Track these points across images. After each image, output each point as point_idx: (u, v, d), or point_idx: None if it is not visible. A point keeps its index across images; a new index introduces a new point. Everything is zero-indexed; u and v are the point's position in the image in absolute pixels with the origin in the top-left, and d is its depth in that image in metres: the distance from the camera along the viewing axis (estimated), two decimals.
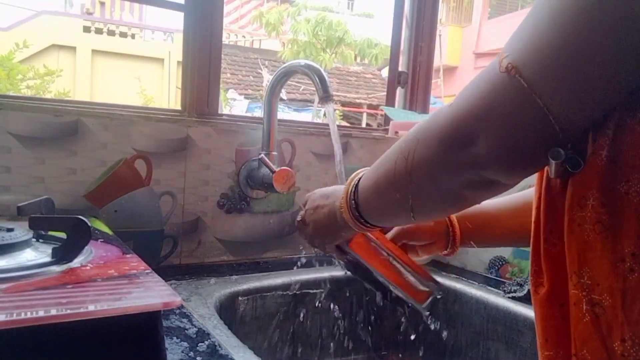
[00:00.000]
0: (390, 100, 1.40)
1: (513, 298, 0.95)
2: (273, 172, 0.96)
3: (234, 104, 7.53)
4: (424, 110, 1.42)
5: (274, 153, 1.02)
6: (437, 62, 1.94)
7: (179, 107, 1.06)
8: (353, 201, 0.54)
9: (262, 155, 1.00)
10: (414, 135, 0.44)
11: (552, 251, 0.42)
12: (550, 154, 0.37)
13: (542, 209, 0.43)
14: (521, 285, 0.96)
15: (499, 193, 0.44)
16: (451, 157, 0.40)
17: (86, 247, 0.58)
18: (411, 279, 0.63)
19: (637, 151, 0.36)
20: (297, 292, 0.99)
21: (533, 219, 0.45)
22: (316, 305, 1.00)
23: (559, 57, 0.34)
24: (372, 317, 1.08)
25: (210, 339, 0.63)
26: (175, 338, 0.63)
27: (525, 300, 0.93)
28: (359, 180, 0.55)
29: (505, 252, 1.07)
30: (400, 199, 0.47)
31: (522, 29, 0.38)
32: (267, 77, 7.59)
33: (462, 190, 0.43)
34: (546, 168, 0.41)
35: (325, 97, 0.86)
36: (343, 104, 9.00)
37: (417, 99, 1.41)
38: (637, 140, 0.36)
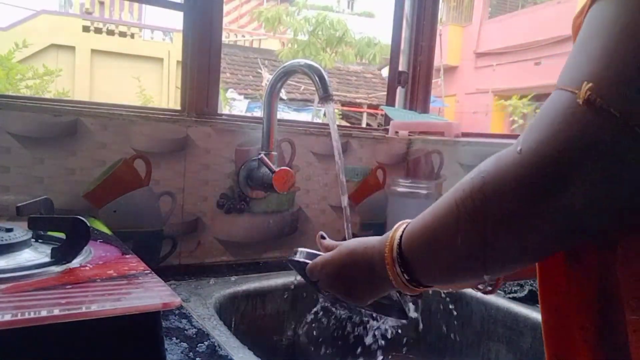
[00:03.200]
0: (390, 100, 1.40)
1: (514, 298, 0.95)
2: (273, 172, 0.96)
3: (233, 103, 7.52)
4: (424, 110, 1.42)
5: (274, 153, 1.02)
6: (437, 61, 1.94)
7: (178, 107, 1.06)
8: (398, 254, 0.47)
9: (262, 155, 1.00)
10: (476, 188, 0.38)
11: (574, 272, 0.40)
12: None
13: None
14: (522, 286, 0.96)
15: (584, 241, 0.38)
16: (537, 211, 0.34)
17: (85, 248, 0.58)
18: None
19: None
20: (297, 292, 0.98)
21: None
22: (316, 305, 1.00)
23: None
24: (372, 317, 1.08)
25: (209, 339, 0.63)
26: (174, 339, 0.62)
27: (525, 300, 0.93)
28: (400, 237, 0.47)
29: None
30: (467, 255, 0.40)
31: (589, 52, 0.33)
32: (267, 77, 7.59)
33: (546, 244, 0.37)
34: None
35: (325, 96, 0.85)
36: (343, 104, 9.00)
37: (418, 98, 1.41)
38: None
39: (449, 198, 0.41)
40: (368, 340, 0.99)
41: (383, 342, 0.96)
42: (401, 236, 0.47)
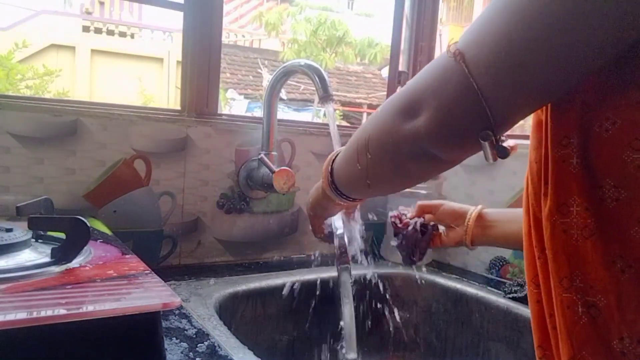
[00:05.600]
0: None
1: (513, 299, 0.95)
2: (273, 172, 0.95)
3: (233, 103, 7.52)
4: None
5: (274, 153, 1.02)
6: None
7: (178, 107, 1.06)
8: (329, 174, 0.61)
9: (262, 155, 1.00)
10: (380, 108, 0.50)
11: (541, 264, 0.44)
12: (480, 136, 0.39)
13: (531, 221, 0.44)
14: (522, 286, 0.96)
15: (442, 170, 0.47)
16: (398, 127, 0.44)
17: (85, 248, 0.58)
18: None
19: (605, 159, 0.38)
20: (297, 293, 0.98)
21: (524, 230, 0.47)
22: (316, 305, 1.00)
23: (498, 46, 0.36)
24: (372, 317, 1.08)
25: (209, 339, 0.63)
26: (174, 339, 0.62)
27: (525, 300, 0.93)
28: (336, 155, 0.61)
29: (506, 252, 1.07)
30: (361, 170, 0.52)
31: (475, 21, 0.40)
32: (267, 77, 7.59)
33: (407, 162, 0.46)
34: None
35: (325, 96, 0.85)
36: (343, 104, 8.99)
37: None
38: (603, 148, 0.38)
39: (357, 132, 0.54)
40: (368, 340, 0.99)
41: (383, 341, 0.96)
42: (334, 160, 0.61)
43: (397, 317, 1.08)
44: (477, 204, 0.76)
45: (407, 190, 1.20)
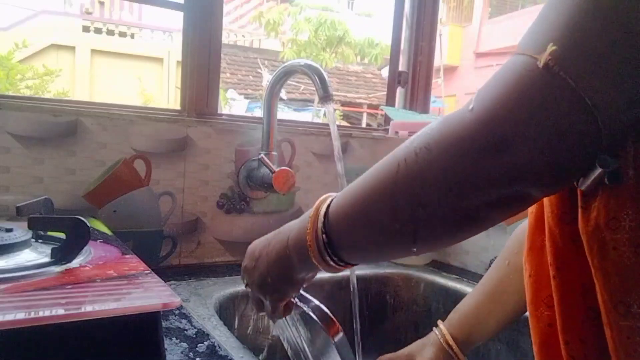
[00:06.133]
0: (390, 100, 1.40)
1: None
2: (273, 172, 0.95)
3: (233, 103, 7.52)
4: (424, 110, 1.42)
5: (274, 153, 1.02)
6: (437, 61, 1.94)
7: (178, 107, 1.06)
8: (323, 232, 0.43)
9: (262, 155, 1.00)
10: (422, 144, 0.36)
11: (557, 284, 0.40)
12: (599, 162, 0.32)
13: (547, 238, 0.40)
14: None
15: (522, 210, 0.37)
16: (480, 169, 0.33)
17: (85, 248, 0.58)
18: None
19: None
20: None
21: (531, 246, 0.43)
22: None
23: (602, 46, 0.30)
24: (373, 318, 1.08)
25: (209, 339, 0.63)
26: (174, 339, 0.62)
27: None
28: (328, 206, 0.44)
29: None
30: (400, 231, 0.37)
31: (553, 19, 0.33)
32: (267, 77, 7.59)
33: (488, 209, 0.35)
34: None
35: (325, 97, 0.85)
36: (343, 104, 9.00)
37: (417, 98, 1.41)
38: None
39: (392, 155, 0.39)
40: (368, 340, 0.99)
41: (383, 342, 0.96)
42: (328, 207, 0.44)
43: (397, 317, 1.08)
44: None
45: None
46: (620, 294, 0.35)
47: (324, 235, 0.43)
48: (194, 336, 0.64)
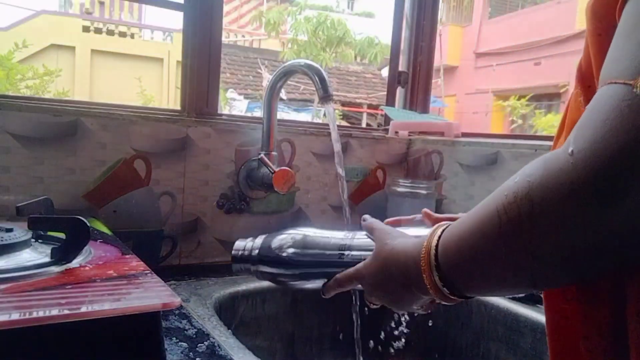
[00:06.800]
0: (390, 100, 1.40)
1: (513, 298, 0.95)
2: (273, 172, 0.95)
3: (233, 103, 7.52)
4: (424, 110, 1.42)
5: (274, 153, 1.02)
6: (437, 61, 1.94)
7: (178, 107, 1.06)
8: (435, 266, 0.42)
9: (262, 155, 1.00)
10: (522, 194, 0.33)
11: None
12: None
13: None
14: None
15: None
16: (594, 222, 0.30)
17: (85, 248, 0.58)
18: None
19: None
20: (297, 293, 0.98)
21: None
22: (316, 305, 1.00)
23: None
24: (373, 318, 1.08)
25: (209, 339, 0.63)
26: (174, 339, 0.62)
27: (525, 300, 0.93)
28: (437, 244, 0.43)
29: None
30: (514, 278, 0.36)
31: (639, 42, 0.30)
32: (267, 77, 7.59)
33: (607, 263, 0.33)
34: None
35: (325, 97, 0.85)
36: (343, 104, 9.00)
37: (417, 98, 1.41)
38: None
39: (490, 205, 0.37)
40: (368, 340, 0.99)
41: (383, 341, 0.96)
42: (437, 244, 0.42)
43: (397, 317, 1.08)
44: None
45: (407, 190, 1.20)
46: None
47: (435, 265, 0.42)
48: (194, 336, 0.64)
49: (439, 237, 0.43)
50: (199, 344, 0.62)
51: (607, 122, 0.30)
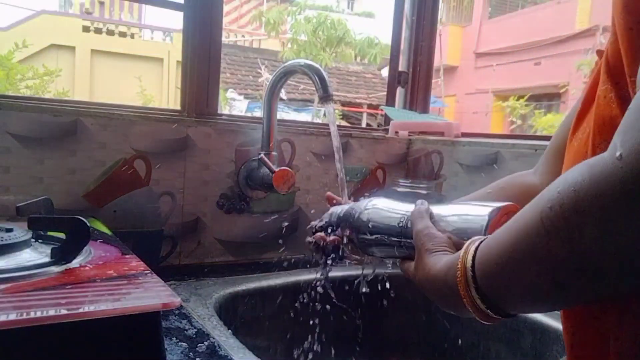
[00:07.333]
0: (390, 100, 1.40)
1: None
2: (273, 172, 0.95)
3: (233, 103, 7.52)
4: (424, 110, 1.42)
5: (274, 153, 1.02)
6: (437, 61, 1.94)
7: (178, 107, 1.06)
8: (474, 287, 0.41)
9: (262, 155, 1.00)
10: (570, 206, 0.32)
11: None
12: None
13: None
14: None
15: None
16: None
17: (85, 248, 0.58)
18: None
19: None
20: (297, 293, 0.98)
21: None
22: (316, 305, 1.00)
23: None
24: (373, 318, 1.08)
25: (209, 339, 0.63)
26: (174, 339, 0.62)
27: None
28: (472, 264, 0.41)
29: None
30: (562, 295, 0.35)
31: None
32: (267, 77, 7.59)
33: None
34: None
35: (325, 97, 0.85)
36: (343, 104, 9.00)
37: (417, 98, 1.41)
38: None
39: (533, 216, 0.34)
40: (369, 340, 0.99)
41: (384, 341, 0.96)
42: (473, 260, 0.40)
43: (398, 317, 1.08)
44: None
45: (407, 190, 1.20)
46: None
47: (473, 282, 0.40)
48: (194, 336, 0.64)
49: (474, 255, 0.41)
50: (199, 344, 0.62)
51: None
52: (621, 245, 0.30)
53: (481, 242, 0.41)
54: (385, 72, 6.64)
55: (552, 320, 0.85)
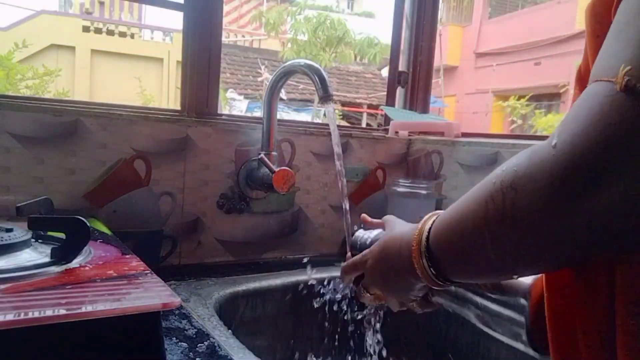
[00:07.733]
0: (390, 100, 1.40)
1: None
2: (273, 172, 0.95)
3: (233, 103, 7.52)
4: (424, 110, 1.42)
5: (274, 153, 1.02)
6: (437, 61, 1.94)
7: (178, 107, 1.06)
8: (426, 250, 0.46)
9: (262, 155, 1.00)
10: (508, 183, 0.35)
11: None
12: None
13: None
14: None
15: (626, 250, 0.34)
16: (573, 212, 0.31)
17: (85, 248, 0.58)
18: None
19: None
20: (297, 293, 0.98)
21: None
22: (316, 305, 1.00)
23: None
24: (373, 318, 1.07)
25: (209, 339, 0.63)
26: (174, 339, 0.62)
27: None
28: (430, 228, 0.46)
29: None
30: (498, 263, 0.38)
31: (625, 39, 0.32)
32: (267, 77, 7.59)
33: (578, 252, 0.34)
34: None
35: (325, 97, 0.85)
36: (343, 104, 9.00)
37: (417, 98, 1.41)
38: None
39: (479, 191, 0.39)
40: (369, 339, 0.99)
41: (384, 341, 0.96)
42: (430, 228, 0.45)
43: (398, 317, 1.08)
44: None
45: (407, 190, 1.20)
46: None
47: (426, 250, 0.45)
48: (194, 336, 0.64)
49: (433, 222, 0.46)
50: (199, 344, 0.62)
51: (589, 117, 0.31)
52: (545, 226, 0.33)
53: (438, 216, 0.46)
54: (385, 72, 6.64)
55: None
